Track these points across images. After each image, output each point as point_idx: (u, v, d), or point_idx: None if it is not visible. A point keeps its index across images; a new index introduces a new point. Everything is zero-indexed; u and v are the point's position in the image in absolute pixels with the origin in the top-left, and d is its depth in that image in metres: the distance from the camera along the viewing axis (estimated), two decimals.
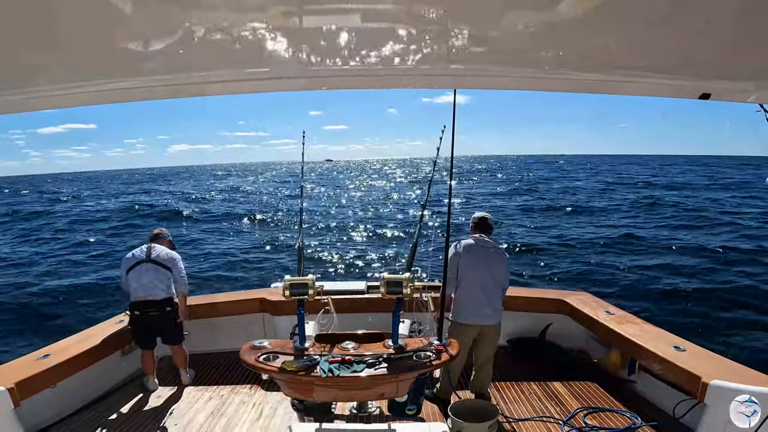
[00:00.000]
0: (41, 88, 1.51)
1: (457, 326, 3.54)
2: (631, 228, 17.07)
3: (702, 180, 40.64)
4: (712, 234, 15.77)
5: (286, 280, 2.75)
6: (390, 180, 59.80)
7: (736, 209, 21.27)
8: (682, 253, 13.07)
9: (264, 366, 2.60)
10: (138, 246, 4.24)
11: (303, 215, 3.55)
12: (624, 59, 1.42)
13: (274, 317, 4.72)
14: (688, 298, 9.37)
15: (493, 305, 3.56)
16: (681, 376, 3.22)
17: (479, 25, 1.21)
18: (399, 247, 15.36)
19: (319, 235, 18.27)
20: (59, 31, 1.13)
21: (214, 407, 3.80)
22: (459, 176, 51.75)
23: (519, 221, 19.93)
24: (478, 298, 3.50)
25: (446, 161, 3.30)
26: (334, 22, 1.18)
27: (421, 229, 3.39)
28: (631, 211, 21.91)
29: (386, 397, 2.87)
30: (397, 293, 2.73)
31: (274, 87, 1.63)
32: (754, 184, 34.52)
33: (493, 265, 3.57)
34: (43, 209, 29.99)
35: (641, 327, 3.99)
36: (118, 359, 4.27)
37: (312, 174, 77.04)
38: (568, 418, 3.50)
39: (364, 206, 28.18)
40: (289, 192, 40.56)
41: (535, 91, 1.82)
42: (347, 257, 14.31)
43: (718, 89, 1.53)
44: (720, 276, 10.87)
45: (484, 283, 3.51)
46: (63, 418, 3.57)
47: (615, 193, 30.90)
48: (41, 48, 1.20)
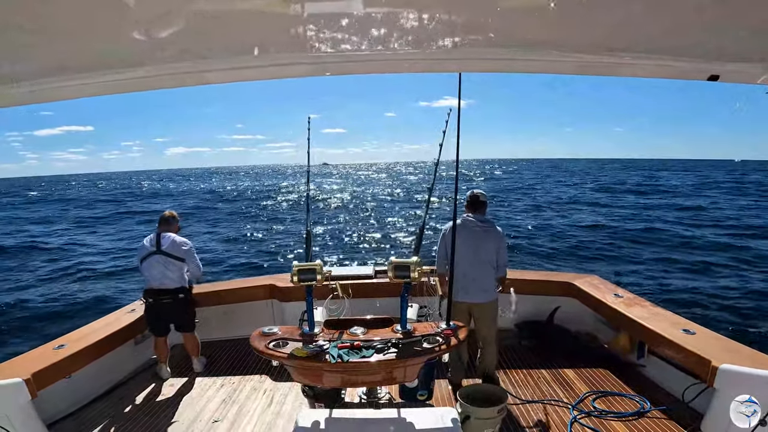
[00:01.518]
0: (47, 80, 1.51)
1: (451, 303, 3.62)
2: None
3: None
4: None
5: (294, 266, 2.75)
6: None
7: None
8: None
9: (274, 352, 2.62)
10: (150, 233, 4.21)
11: (309, 202, 3.53)
12: (632, 41, 1.41)
13: (282, 303, 4.76)
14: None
15: (479, 284, 3.63)
16: (690, 359, 3.20)
17: (483, 8, 1.19)
18: (406, 232, 15.42)
19: (327, 221, 18.37)
20: (64, 23, 1.12)
21: (225, 394, 3.85)
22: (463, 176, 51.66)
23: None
24: (463, 277, 3.58)
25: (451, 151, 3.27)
26: (336, 7, 1.17)
27: (428, 212, 3.36)
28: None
29: (396, 382, 2.88)
30: (404, 277, 2.72)
31: (277, 73, 1.61)
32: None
33: (479, 243, 3.64)
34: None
35: (650, 310, 3.96)
36: (131, 349, 4.33)
37: (314, 179, 77.21)
38: (577, 402, 3.51)
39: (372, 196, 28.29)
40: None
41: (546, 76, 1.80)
42: (355, 242, 14.36)
43: (726, 71, 1.52)
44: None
45: (470, 261, 3.59)
46: (78, 409, 3.63)
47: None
48: (45, 40, 1.20)
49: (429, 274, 3.17)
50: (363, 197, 31.67)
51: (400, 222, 18.99)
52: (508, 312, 3.91)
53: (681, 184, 41.78)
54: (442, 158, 3.25)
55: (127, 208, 32.12)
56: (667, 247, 13.84)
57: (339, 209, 26.78)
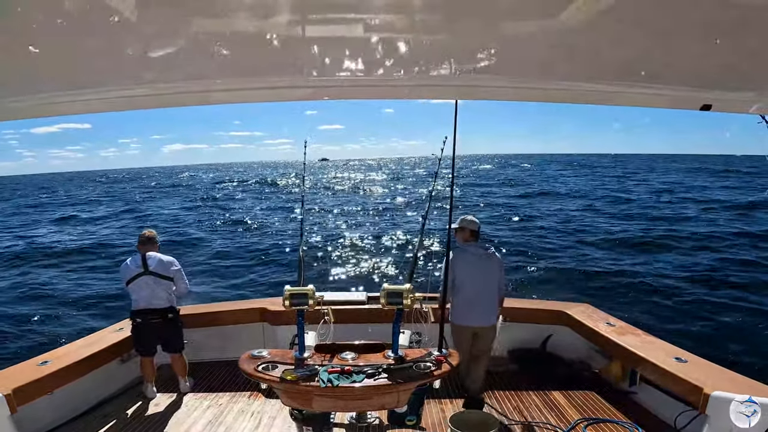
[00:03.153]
0: (46, 95, 1.52)
1: (455, 327, 3.79)
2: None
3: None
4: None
5: (287, 290, 2.75)
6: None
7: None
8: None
9: (263, 375, 2.59)
10: (132, 256, 4.14)
11: (303, 225, 3.55)
12: (625, 70, 1.42)
13: (274, 327, 4.71)
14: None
15: (486, 309, 3.74)
16: (682, 387, 3.21)
17: (480, 37, 1.22)
18: (399, 258, 15.37)
19: (319, 244, 18.35)
20: (66, 39, 1.14)
21: (212, 416, 3.77)
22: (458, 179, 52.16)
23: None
24: (471, 304, 3.71)
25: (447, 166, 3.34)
26: (336, 32, 1.19)
27: (423, 240, 3.40)
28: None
29: (386, 407, 2.85)
30: (397, 304, 2.73)
31: (276, 96, 1.64)
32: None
33: (486, 272, 3.75)
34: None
35: (642, 338, 3.97)
36: (117, 367, 4.25)
37: (309, 178, 77.55)
38: (569, 429, 3.47)
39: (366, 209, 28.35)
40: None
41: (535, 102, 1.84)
42: (348, 268, 14.31)
43: (719, 101, 1.52)
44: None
45: (477, 289, 3.70)
46: (60, 425, 3.55)
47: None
48: (47, 55, 1.21)
49: (421, 301, 3.18)
50: (358, 203, 31.63)
51: (396, 240, 18.95)
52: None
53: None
54: (443, 158, 3.32)
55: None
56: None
57: (336, 211, 26.83)
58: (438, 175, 3.75)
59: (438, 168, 3.59)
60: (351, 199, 33.22)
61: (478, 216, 3.86)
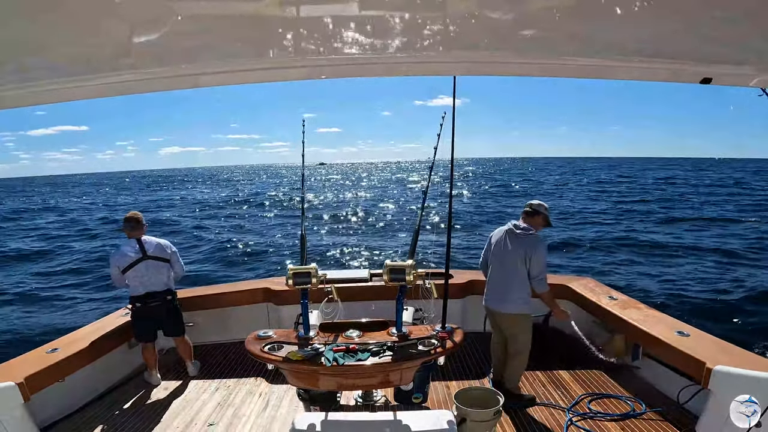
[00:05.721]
0: (34, 83, 1.49)
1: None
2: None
3: None
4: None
5: (290, 270, 2.74)
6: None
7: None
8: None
9: (269, 356, 2.61)
10: (123, 242, 4.11)
11: (305, 204, 3.53)
12: (624, 44, 1.40)
13: (278, 307, 4.74)
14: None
15: (502, 293, 3.54)
16: (685, 361, 3.21)
17: (477, 10, 1.19)
18: (401, 236, 15.38)
19: (322, 224, 18.37)
20: (53, 24, 1.11)
21: (221, 398, 3.83)
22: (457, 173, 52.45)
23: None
24: (491, 283, 3.68)
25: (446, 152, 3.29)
26: (331, 9, 1.16)
27: (423, 216, 3.37)
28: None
29: (392, 385, 2.88)
30: (400, 280, 2.72)
31: (271, 77, 1.61)
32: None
33: (506, 251, 3.56)
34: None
35: (644, 312, 3.98)
36: (125, 352, 4.30)
37: (309, 180, 76.99)
38: (573, 404, 3.51)
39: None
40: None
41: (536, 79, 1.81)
42: (350, 246, 14.35)
43: (719, 74, 1.50)
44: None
45: (497, 270, 3.63)
46: (72, 412, 3.60)
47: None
48: (35, 42, 1.18)
49: (424, 277, 3.18)
50: (360, 199, 31.66)
51: (396, 224, 18.96)
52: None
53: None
54: (440, 158, 3.28)
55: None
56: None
57: (336, 210, 26.81)
58: (437, 149, 3.69)
59: (437, 143, 3.55)
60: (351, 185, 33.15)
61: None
